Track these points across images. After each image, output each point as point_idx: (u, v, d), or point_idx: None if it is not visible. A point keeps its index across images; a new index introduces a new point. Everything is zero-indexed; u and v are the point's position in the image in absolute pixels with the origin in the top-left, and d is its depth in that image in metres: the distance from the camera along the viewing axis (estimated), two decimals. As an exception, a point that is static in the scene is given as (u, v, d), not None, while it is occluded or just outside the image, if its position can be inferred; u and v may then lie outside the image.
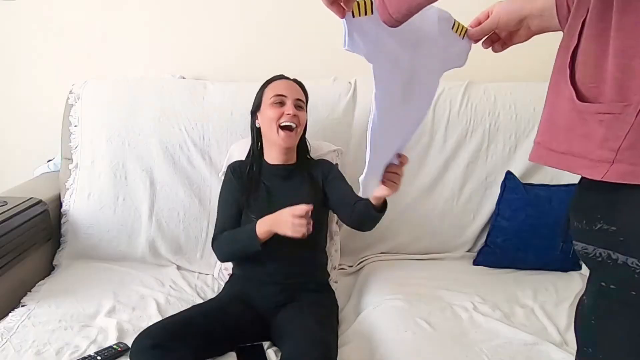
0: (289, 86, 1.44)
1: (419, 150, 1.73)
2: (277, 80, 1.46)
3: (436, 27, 0.98)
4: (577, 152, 0.64)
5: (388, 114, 0.95)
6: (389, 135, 1.01)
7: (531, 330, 1.28)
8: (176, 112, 1.69)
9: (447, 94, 1.75)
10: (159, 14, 1.93)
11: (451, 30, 0.99)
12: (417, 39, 0.95)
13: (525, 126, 1.73)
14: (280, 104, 1.39)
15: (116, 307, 1.39)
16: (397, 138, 1.03)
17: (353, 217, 1.35)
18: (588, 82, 0.63)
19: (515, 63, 1.98)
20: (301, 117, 1.41)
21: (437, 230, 1.75)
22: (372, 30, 0.89)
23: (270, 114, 1.37)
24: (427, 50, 0.98)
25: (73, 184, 1.69)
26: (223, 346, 1.23)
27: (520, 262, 1.63)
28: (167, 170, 1.68)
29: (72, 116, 1.71)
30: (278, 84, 1.44)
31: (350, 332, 1.32)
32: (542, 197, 1.62)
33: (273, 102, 1.38)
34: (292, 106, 1.38)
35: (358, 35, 0.90)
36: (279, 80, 1.46)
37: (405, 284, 1.50)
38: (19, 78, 2.00)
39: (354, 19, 0.88)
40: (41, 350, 1.18)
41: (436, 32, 0.99)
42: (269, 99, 1.40)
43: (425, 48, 0.97)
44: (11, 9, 1.92)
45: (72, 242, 1.66)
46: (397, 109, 0.98)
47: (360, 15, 0.88)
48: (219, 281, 1.61)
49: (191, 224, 1.69)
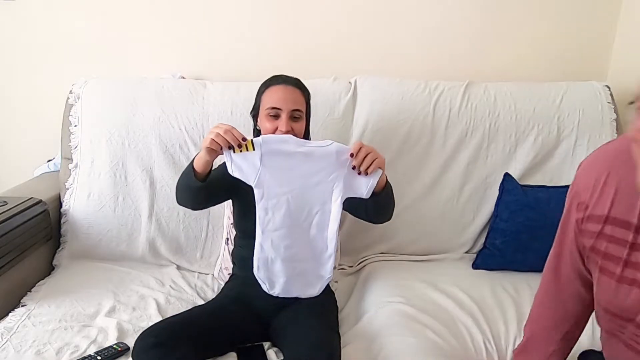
0: (286, 95, 1.35)
1: (419, 150, 1.73)
2: (274, 85, 1.37)
3: (333, 160, 1.20)
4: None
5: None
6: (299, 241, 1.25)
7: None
8: (176, 112, 1.69)
9: (447, 94, 1.75)
10: (159, 14, 1.93)
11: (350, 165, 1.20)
12: (307, 170, 1.20)
13: (525, 126, 1.73)
14: (275, 116, 1.33)
15: (116, 307, 1.39)
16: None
17: (369, 211, 1.33)
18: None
19: (515, 63, 1.99)
20: (297, 129, 1.35)
21: (437, 231, 1.75)
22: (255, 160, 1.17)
23: (266, 125, 1.34)
24: (321, 177, 1.20)
25: (73, 183, 1.69)
26: (224, 346, 1.24)
27: (520, 264, 1.62)
28: (167, 170, 1.68)
29: (72, 116, 1.71)
30: (275, 91, 1.36)
31: (351, 333, 1.32)
32: (541, 198, 1.61)
33: (268, 114, 1.33)
34: (286, 120, 1.32)
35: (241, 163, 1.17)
36: (277, 87, 1.37)
37: (405, 285, 1.49)
38: (19, 78, 2.00)
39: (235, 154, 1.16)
40: (41, 350, 1.19)
41: (333, 164, 1.20)
42: (265, 109, 1.34)
43: (316, 177, 1.20)
44: (11, 9, 1.92)
45: (72, 242, 1.66)
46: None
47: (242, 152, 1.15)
48: (219, 281, 1.61)
49: (191, 224, 1.70)
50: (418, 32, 1.96)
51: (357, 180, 1.20)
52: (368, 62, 1.96)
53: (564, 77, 1.85)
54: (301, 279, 1.27)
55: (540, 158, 1.74)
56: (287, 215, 1.21)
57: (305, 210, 1.22)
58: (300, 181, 1.21)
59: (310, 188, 1.21)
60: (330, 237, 1.24)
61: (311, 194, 1.21)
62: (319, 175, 1.21)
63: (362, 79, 1.79)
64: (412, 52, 1.97)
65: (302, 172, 1.20)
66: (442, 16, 1.94)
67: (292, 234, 1.22)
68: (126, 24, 1.94)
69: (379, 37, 1.95)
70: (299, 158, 1.19)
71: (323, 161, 1.20)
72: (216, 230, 1.71)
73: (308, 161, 1.20)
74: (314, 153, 1.20)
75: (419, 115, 1.72)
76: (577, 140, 1.74)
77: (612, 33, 1.97)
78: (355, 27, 1.95)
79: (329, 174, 1.20)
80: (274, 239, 1.23)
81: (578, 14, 1.95)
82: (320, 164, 1.20)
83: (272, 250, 1.23)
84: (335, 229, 1.24)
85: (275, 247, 1.23)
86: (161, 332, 1.15)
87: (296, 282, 1.27)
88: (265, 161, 1.18)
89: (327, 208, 1.23)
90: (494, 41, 1.96)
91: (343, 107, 1.73)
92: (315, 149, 1.20)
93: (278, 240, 1.23)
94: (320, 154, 1.20)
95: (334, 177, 1.20)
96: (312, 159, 1.20)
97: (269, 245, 1.23)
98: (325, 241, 1.25)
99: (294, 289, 1.27)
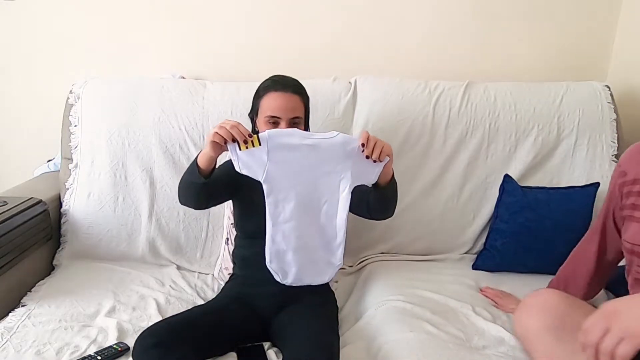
0: (285, 104, 1.32)
1: (419, 150, 1.73)
2: (273, 92, 1.34)
3: (339, 151, 1.21)
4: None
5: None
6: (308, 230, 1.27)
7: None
8: (176, 112, 1.69)
9: (447, 94, 1.75)
10: (159, 14, 1.93)
11: (361, 153, 1.20)
12: (316, 159, 1.21)
13: (525, 126, 1.73)
14: (275, 124, 1.32)
15: (116, 307, 1.39)
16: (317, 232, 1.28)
17: (372, 205, 1.33)
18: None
19: (515, 63, 1.99)
20: None
21: (437, 230, 1.75)
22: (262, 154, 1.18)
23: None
24: (328, 168, 1.22)
25: (73, 183, 1.69)
26: (224, 346, 1.24)
27: (520, 266, 1.62)
28: (167, 170, 1.68)
29: (72, 116, 1.71)
30: (274, 99, 1.33)
31: (350, 332, 1.32)
32: (541, 200, 1.61)
33: (267, 121, 1.32)
34: (285, 128, 1.31)
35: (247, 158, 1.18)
36: (276, 94, 1.33)
37: (406, 285, 1.49)
38: (19, 78, 2.00)
39: (241, 151, 1.17)
40: (41, 350, 1.18)
41: (340, 155, 1.22)
42: (264, 116, 1.33)
43: (323, 169, 1.22)
44: (11, 9, 1.92)
45: (72, 242, 1.66)
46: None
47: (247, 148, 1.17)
48: (219, 281, 1.61)
49: (191, 223, 1.70)
50: (418, 32, 1.96)
51: (365, 168, 1.22)
52: (368, 62, 1.96)
53: (564, 77, 1.86)
54: (312, 267, 1.29)
55: (540, 158, 1.74)
56: (297, 207, 1.23)
57: (314, 201, 1.24)
58: (307, 173, 1.22)
59: (318, 179, 1.23)
60: (339, 225, 1.26)
61: (319, 185, 1.23)
62: (326, 166, 1.22)
63: (362, 79, 1.79)
64: (412, 52, 1.97)
65: (309, 164, 1.21)
66: (442, 16, 1.94)
67: (302, 224, 1.24)
68: (126, 24, 1.94)
69: (379, 37, 1.95)
70: (305, 150, 1.21)
71: (329, 152, 1.21)
72: (216, 230, 1.71)
73: (314, 153, 1.21)
74: (319, 145, 1.21)
75: (419, 115, 1.72)
76: (577, 140, 1.74)
77: (612, 33, 1.97)
78: (355, 27, 1.95)
79: (336, 165, 1.22)
80: (285, 231, 1.25)
81: (578, 14, 1.95)
82: (327, 155, 1.21)
83: (283, 242, 1.25)
84: (344, 217, 1.26)
85: (287, 239, 1.25)
86: (161, 332, 1.15)
87: (307, 271, 1.29)
88: (272, 156, 1.19)
89: (335, 198, 1.25)
90: (494, 41, 1.96)
91: (343, 107, 1.73)
92: (320, 141, 1.21)
93: (289, 232, 1.25)
94: (326, 145, 1.21)
95: (341, 168, 1.22)
96: (318, 150, 1.21)
97: (280, 238, 1.25)
98: (334, 229, 1.27)
99: (306, 278, 1.29)
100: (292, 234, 1.25)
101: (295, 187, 1.22)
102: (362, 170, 1.22)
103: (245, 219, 1.44)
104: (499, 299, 1.43)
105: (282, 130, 1.25)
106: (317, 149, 1.21)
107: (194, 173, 1.24)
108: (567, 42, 1.97)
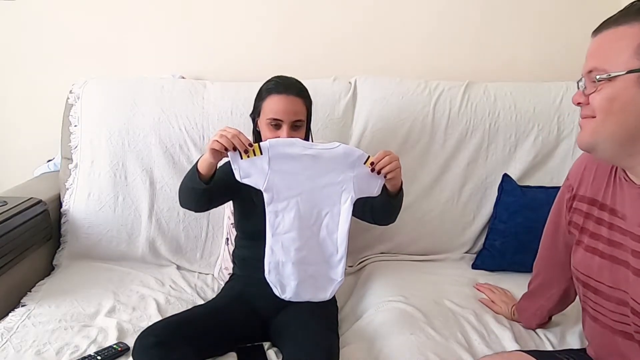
0: (287, 107, 1.32)
1: (419, 150, 1.73)
2: (276, 94, 1.33)
3: (341, 162, 1.20)
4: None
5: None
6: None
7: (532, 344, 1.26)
8: (176, 112, 1.69)
9: (447, 94, 1.75)
10: (159, 14, 1.93)
11: (363, 165, 1.20)
12: (316, 171, 1.20)
13: (525, 126, 1.73)
14: (276, 126, 1.32)
15: (116, 307, 1.39)
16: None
17: (377, 212, 1.33)
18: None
19: (515, 63, 1.99)
20: (297, 137, 1.32)
21: (437, 231, 1.75)
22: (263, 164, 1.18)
23: (267, 134, 1.33)
24: (330, 179, 1.21)
25: (73, 183, 1.69)
26: (224, 346, 1.24)
27: (519, 265, 1.62)
28: (167, 170, 1.68)
29: (72, 116, 1.71)
30: (276, 102, 1.32)
31: (350, 333, 1.32)
32: (540, 199, 1.61)
33: (269, 123, 1.32)
34: (287, 131, 1.31)
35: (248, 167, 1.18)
36: (278, 97, 1.32)
37: (406, 286, 1.49)
38: (19, 78, 2.00)
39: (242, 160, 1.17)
40: (41, 350, 1.19)
41: (341, 166, 1.21)
42: (266, 119, 1.33)
43: (324, 180, 1.21)
44: (11, 9, 1.92)
45: (72, 242, 1.66)
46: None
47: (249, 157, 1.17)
48: (219, 281, 1.61)
49: (191, 223, 1.70)
50: (418, 32, 1.96)
51: (368, 180, 1.20)
52: (368, 62, 1.96)
53: (564, 77, 1.85)
54: (312, 282, 1.26)
55: (540, 158, 1.74)
56: (297, 218, 1.21)
57: (315, 212, 1.23)
58: (308, 184, 1.21)
59: (319, 190, 1.21)
60: (340, 239, 1.24)
61: (320, 196, 1.22)
62: (327, 177, 1.21)
63: (362, 79, 1.79)
64: (412, 52, 1.97)
65: (311, 175, 1.20)
66: (442, 16, 1.94)
67: (302, 236, 1.22)
68: (126, 24, 1.94)
69: (379, 37, 1.95)
70: (306, 161, 1.19)
71: (331, 163, 1.20)
72: (216, 230, 1.71)
73: (316, 163, 1.20)
74: (321, 155, 1.20)
75: (419, 115, 1.72)
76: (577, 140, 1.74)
77: (612, 33, 1.97)
78: (355, 27, 1.95)
79: (337, 176, 1.21)
80: (284, 242, 1.22)
81: (578, 14, 1.94)
82: (328, 166, 1.20)
83: (282, 253, 1.23)
84: (346, 231, 1.23)
85: (286, 250, 1.23)
86: (161, 331, 1.15)
87: (307, 286, 1.25)
88: (273, 165, 1.18)
89: (336, 210, 1.23)
90: (494, 41, 1.96)
91: (343, 107, 1.73)
92: (322, 152, 1.20)
93: (288, 243, 1.22)
94: (328, 156, 1.20)
95: (342, 179, 1.21)
96: (319, 161, 1.20)
97: (279, 248, 1.23)
98: (335, 244, 1.24)
99: (305, 293, 1.26)
100: (292, 245, 1.22)
101: (295, 197, 1.21)
102: (364, 182, 1.21)
103: (246, 219, 1.44)
104: (492, 294, 1.42)
105: (284, 140, 1.24)
106: (318, 160, 1.20)
107: (194, 179, 1.23)
108: (567, 42, 1.97)
